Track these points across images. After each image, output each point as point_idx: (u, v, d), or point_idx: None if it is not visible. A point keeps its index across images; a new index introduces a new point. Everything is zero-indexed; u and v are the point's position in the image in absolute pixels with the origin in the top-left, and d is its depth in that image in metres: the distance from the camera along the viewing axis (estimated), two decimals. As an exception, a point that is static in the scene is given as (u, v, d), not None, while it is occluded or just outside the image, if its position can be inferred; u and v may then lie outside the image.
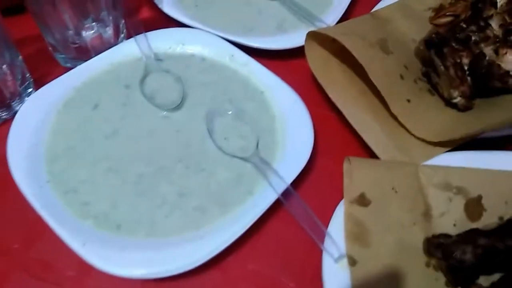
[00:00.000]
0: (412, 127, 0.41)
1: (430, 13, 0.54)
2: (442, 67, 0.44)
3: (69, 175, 0.38)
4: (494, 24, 0.47)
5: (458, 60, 0.44)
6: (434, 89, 0.47)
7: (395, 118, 0.43)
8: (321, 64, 0.46)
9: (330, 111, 0.47)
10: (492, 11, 0.48)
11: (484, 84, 0.45)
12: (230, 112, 0.43)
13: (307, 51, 0.46)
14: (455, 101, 0.44)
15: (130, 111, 0.43)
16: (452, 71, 0.44)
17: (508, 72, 0.44)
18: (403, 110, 0.42)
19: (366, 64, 0.42)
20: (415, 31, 0.51)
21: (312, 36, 0.46)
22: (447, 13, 0.52)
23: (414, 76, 0.47)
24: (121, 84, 0.45)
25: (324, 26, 0.51)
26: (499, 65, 0.44)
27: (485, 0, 0.49)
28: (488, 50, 0.45)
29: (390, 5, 0.53)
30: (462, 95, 0.43)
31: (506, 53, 0.45)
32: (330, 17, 0.52)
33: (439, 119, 0.43)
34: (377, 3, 0.55)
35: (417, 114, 0.43)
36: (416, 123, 0.42)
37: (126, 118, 0.43)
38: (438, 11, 0.54)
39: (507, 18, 0.47)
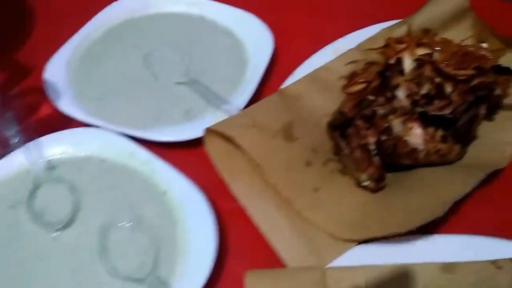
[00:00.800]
0: (319, 221, 0.39)
1: (343, 82, 0.53)
2: (347, 150, 0.42)
3: None
4: (402, 94, 0.46)
5: (363, 142, 0.42)
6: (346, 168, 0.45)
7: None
8: (224, 156, 0.44)
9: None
10: (400, 80, 0.47)
11: (394, 162, 0.43)
12: (127, 223, 0.40)
13: (207, 144, 0.44)
14: (364, 184, 0.41)
15: (15, 236, 0.39)
16: (357, 154, 0.42)
17: (415, 148, 0.42)
18: (308, 203, 0.40)
19: (263, 161, 0.39)
20: (327, 104, 0.49)
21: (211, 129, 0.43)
22: (359, 81, 0.51)
23: (324, 157, 0.45)
24: (6, 204, 0.41)
25: (233, 109, 0.49)
26: (405, 142, 0.42)
27: (393, 67, 0.48)
28: (396, 123, 0.44)
29: (301, 79, 0.51)
30: (371, 177, 0.41)
31: (412, 127, 0.43)
32: (240, 99, 0.50)
33: (349, 206, 0.40)
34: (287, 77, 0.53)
35: (325, 205, 0.40)
36: (324, 216, 0.39)
37: (11, 245, 0.39)
38: (351, 79, 0.52)
39: (414, 87, 0.46)
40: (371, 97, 0.46)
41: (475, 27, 0.56)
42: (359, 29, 0.57)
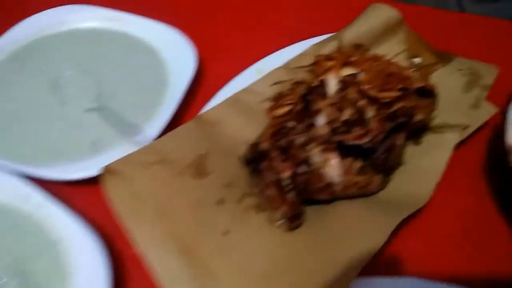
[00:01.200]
0: (223, 271, 0.35)
1: (268, 105, 0.49)
2: (261, 186, 0.39)
3: None
4: (322, 120, 0.42)
5: (276, 177, 0.38)
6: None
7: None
8: (127, 198, 0.39)
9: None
10: (321, 104, 0.43)
11: (309, 197, 0.39)
12: (10, 282, 0.35)
13: (107, 184, 0.39)
14: (277, 223, 0.38)
15: None
16: (270, 190, 0.38)
17: (329, 182, 0.39)
18: (213, 250, 0.35)
19: (165, 203, 0.35)
20: (248, 130, 0.45)
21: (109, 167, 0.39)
22: (285, 103, 0.48)
23: (240, 192, 0.40)
24: None
25: (146, 139, 0.44)
26: (320, 176, 0.39)
27: (317, 90, 0.45)
28: (315, 154, 0.40)
29: (221, 102, 0.47)
30: (284, 216, 0.38)
31: (329, 158, 0.40)
32: (154, 127, 0.46)
33: (260, 250, 0.36)
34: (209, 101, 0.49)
35: (233, 251, 0.36)
36: (228, 265, 0.35)
37: None
38: (276, 101, 0.49)
39: (335, 112, 0.42)
40: (290, 125, 0.42)
41: (408, 40, 0.53)
42: (290, 45, 0.54)
